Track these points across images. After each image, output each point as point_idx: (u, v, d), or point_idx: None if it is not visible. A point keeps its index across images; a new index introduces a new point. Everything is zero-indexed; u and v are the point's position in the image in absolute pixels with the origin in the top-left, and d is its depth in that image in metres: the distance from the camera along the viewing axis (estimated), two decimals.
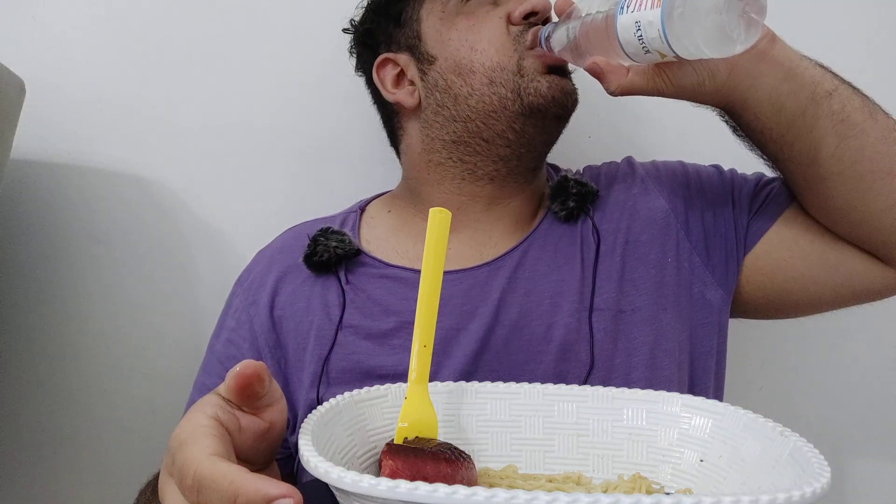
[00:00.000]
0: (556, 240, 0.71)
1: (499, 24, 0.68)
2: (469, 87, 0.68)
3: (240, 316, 0.71)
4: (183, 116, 0.92)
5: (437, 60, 0.70)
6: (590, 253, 0.69)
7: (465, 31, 0.69)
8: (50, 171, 0.93)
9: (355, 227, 0.75)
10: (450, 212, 0.48)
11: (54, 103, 0.91)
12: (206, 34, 0.92)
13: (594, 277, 0.67)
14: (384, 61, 0.74)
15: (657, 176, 0.74)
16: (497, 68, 0.67)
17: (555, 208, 0.71)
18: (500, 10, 0.69)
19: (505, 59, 0.67)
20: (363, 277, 0.70)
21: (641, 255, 0.69)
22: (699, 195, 0.72)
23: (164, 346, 0.95)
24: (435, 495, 0.31)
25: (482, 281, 0.68)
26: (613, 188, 0.74)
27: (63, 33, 0.91)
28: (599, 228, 0.70)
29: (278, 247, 0.76)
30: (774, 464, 0.41)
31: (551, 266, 0.69)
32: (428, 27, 0.71)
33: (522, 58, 0.67)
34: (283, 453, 0.66)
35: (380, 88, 0.74)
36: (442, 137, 0.71)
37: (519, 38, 0.68)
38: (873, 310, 0.94)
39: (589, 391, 0.51)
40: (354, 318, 0.67)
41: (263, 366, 0.39)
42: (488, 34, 0.68)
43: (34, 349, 0.95)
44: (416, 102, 0.72)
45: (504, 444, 0.50)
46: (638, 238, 0.69)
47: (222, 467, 0.34)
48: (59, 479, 0.97)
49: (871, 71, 0.91)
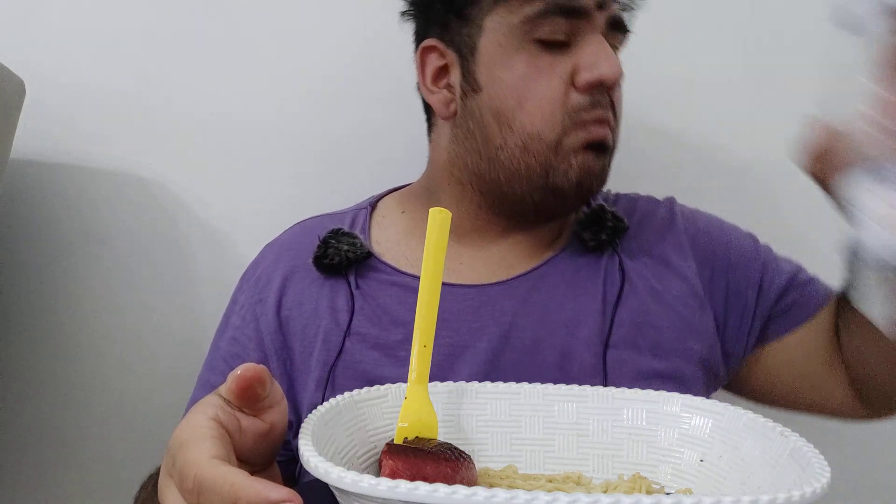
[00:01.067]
0: (577, 268, 0.68)
1: (557, 86, 0.63)
2: (503, 139, 0.64)
3: (245, 314, 0.70)
4: (183, 116, 0.92)
5: (481, 92, 0.65)
6: (612, 289, 0.66)
7: (518, 80, 0.63)
8: (50, 171, 0.93)
9: (366, 226, 0.73)
10: (450, 212, 0.48)
11: (54, 103, 0.91)
12: (207, 34, 0.92)
13: (614, 315, 0.65)
14: (432, 48, 0.68)
15: (695, 235, 0.72)
16: (535, 137, 0.63)
17: (585, 236, 0.69)
18: (566, 65, 0.63)
19: (547, 130, 0.63)
20: (373, 283, 0.68)
21: (668, 304, 0.67)
22: (729, 270, 0.70)
23: (164, 346, 0.95)
24: (435, 495, 0.31)
25: (494, 299, 0.66)
26: (647, 230, 0.71)
27: (63, 33, 0.91)
28: (626, 267, 0.68)
29: (286, 242, 0.74)
30: (774, 464, 0.41)
31: (568, 294, 0.66)
32: (486, 46, 0.65)
33: (566, 133, 0.63)
34: (286, 455, 0.66)
35: (419, 76, 0.70)
36: (466, 162, 0.68)
37: (572, 108, 0.63)
38: None
39: (589, 391, 0.51)
40: (363, 326, 0.65)
41: (264, 368, 0.39)
42: (541, 95, 0.62)
43: (34, 349, 0.95)
44: (450, 115, 0.68)
45: (504, 444, 0.50)
46: (668, 289, 0.67)
47: (223, 470, 0.33)
48: (58, 480, 0.97)
49: None
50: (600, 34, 0.63)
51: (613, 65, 0.62)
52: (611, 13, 0.64)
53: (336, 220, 0.74)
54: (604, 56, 0.62)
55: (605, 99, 0.64)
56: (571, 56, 0.63)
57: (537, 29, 0.62)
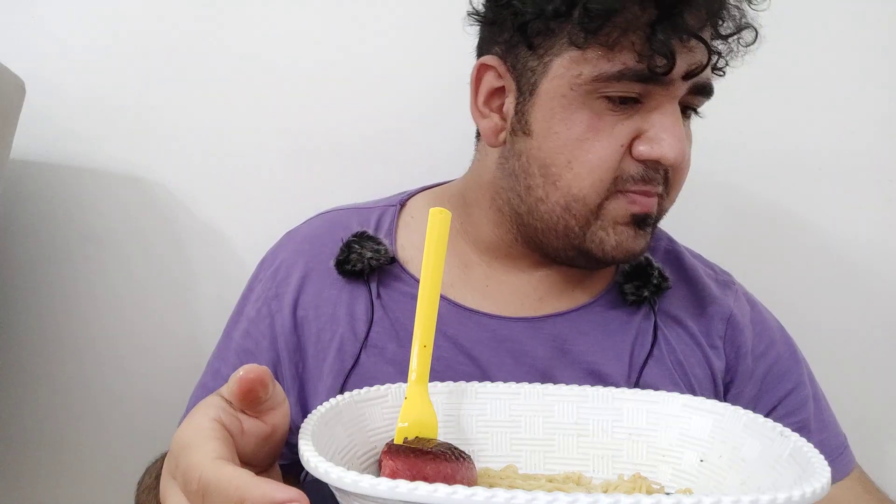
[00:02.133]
0: (609, 320, 0.66)
1: (614, 151, 0.58)
2: (545, 193, 0.60)
3: (261, 307, 0.68)
4: (183, 117, 0.92)
5: (531, 137, 0.60)
6: (641, 350, 0.64)
7: (573, 140, 0.58)
8: (49, 171, 0.93)
9: (393, 227, 0.70)
10: (450, 212, 0.48)
11: (54, 103, 0.91)
12: (206, 34, 0.92)
13: (638, 378, 0.63)
14: (491, 67, 0.63)
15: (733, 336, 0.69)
16: (579, 200, 0.59)
17: (627, 290, 0.66)
18: (629, 128, 0.58)
19: (593, 194, 0.58)
20: (394, 294, 0.66)
21: (690, 384, 0.65)
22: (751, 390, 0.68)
23: (163, 346, 0.95)
24: (435, 495, 0.31)
25: (516, 336, 0.64)
26: (689, 298, 0.69)
27: (63, 33, 0.91)
28: (658, 332, 0.65)
29: (308, 235, 0.72)
30: (774, 464, 0.41)
31: (595, 347, 0.64)
32: (547, 91, 0.59)
33: (610, 198, 0.59)
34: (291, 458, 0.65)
35: (471, 94, 0.65)
36: (509, 197, 0.64)
37: (622, 176, 0.58)
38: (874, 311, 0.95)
39: (589, 391, 0.51)
40: (380, 339, 0.64)
41: (266, 370, 0.39)
42: (594, 159, 0.58)
43: (33, 349, 0.95)
44: (498, 144, 0.64)
45: (504, 444, 0.50)
46: (692, 369, 0.66)
47: (228, 471, 0.33)
48: (58, 479, 0.97)
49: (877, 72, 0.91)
50: (676, 104, 0.58)
51: (677, 147, 0.57)
52: (696, 81, 0.58)
53: (363, 215, 0.71)
54: (670, 135, 0.57)
55: (658, 174, 0.59)
56: (638, 118, 0.58)
57: (609, 87, 0.57)
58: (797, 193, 0.93)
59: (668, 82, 0.56)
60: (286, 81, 0.93)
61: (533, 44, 0.59)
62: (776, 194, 0.93)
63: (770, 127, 0.92)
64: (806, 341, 0.79)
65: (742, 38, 0.61)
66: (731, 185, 0.93)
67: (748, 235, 0.93)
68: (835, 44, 0.90)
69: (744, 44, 0.61)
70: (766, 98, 0.92)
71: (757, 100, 0.91)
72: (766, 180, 0.93)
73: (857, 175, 0.92)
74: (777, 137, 0.92)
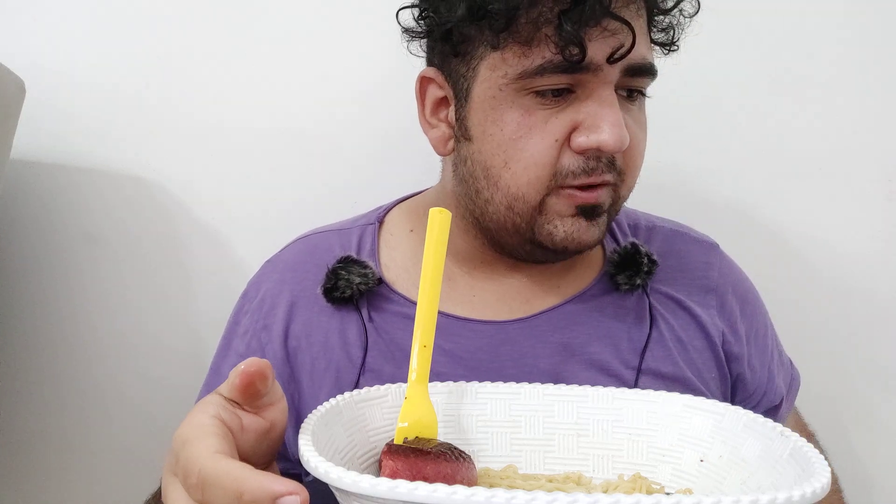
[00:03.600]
0: (603, 307, 0.66)
1: (548, 146, 0.57)
2: (490, 194, 0.60)
3: (250, 341, 0.67)
4: (183, 117, 0.92)
5: (472, 142, 0.60)
6: (639, 334, 0.64)
7: (507, 140, 0.57)
8: (50, 171, 0.93)
9: (374, 248, 0.69)
10: (450, 212, 0.48)
11: (54, 103, 0.91)
12: (206, 34, 0.92)
13: (640, 363, 0.63)
14: (430, 79, 0.63)
15: (724, 297, 0.70)
16: (519, 198, 0.58)
17: (620, 280, 0.66)
18: (563, 121, 0.56)
19: (531, 192, 0.58)
20: (386, 315, 0.65)
21: (690, 360, 0.65)
22: (751, 346, 0.69)
23: (164, 346, 0.95)
24: (435, 495, 0.31)
25: (513, 338, 0.64)
26: (679, 274, 0.69)
27: (63, 33, 0.91)
28: (654, 312, 0.66)
29: (290, 262, 0.70)
30: (774, 464, 0.41)
31: (593, 336, 0.64)
32: (479, 94, 0.59)
33: (552, 194, 0.58)
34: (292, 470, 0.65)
35: (418, 105, 0.65)
36: (465, 202, 0.64)
37: (561, 172, 0.57)
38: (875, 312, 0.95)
39: (589, 391, 0.51)
40: (377, 363, 0.63)
41: (267, 363, 0.39)
42: (528, 157, 0.57)
43: (32, 350, 0.95)
44: (448, 153, 0.64)
45: (504, 444, 0.50)
46: (692, 343, 0.66)
47: (227, 465, 0.34)
48: (53, 479, 0.97)
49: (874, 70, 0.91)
50: (611, 89, 0.56)
51: (614, 132, 0.55)
52: (628, 62, 0.56)
53: (343, 237, 0.70)
54: (606, 121, 0.55)
55: (602, 163, 0.57)
56: (572, 110, 0.57)
57: (535, 82, 0.56)
58: (797, 193, 0.93)
59: (596, 69, 0.55)
60: (287, 81, 0.93)
61: (459, 51, 0.59)
62: (776, 194, 0.93)
63: (770, 127, 0.92)
64: (806, 341, 0.79)
65: (683, 9, 0.60)
66: (731, 185, 0.93)
67: (748, 235, 0.93)
68: (835, 43, 0.90)
69: (686, 15, 0.61)
70: (766, 98, 0.92)
71: (757, 100, 0.92)
72: (766, 180, 0.93)
73: (857, 175, 0.92)
74: (777, 137, 0.92)
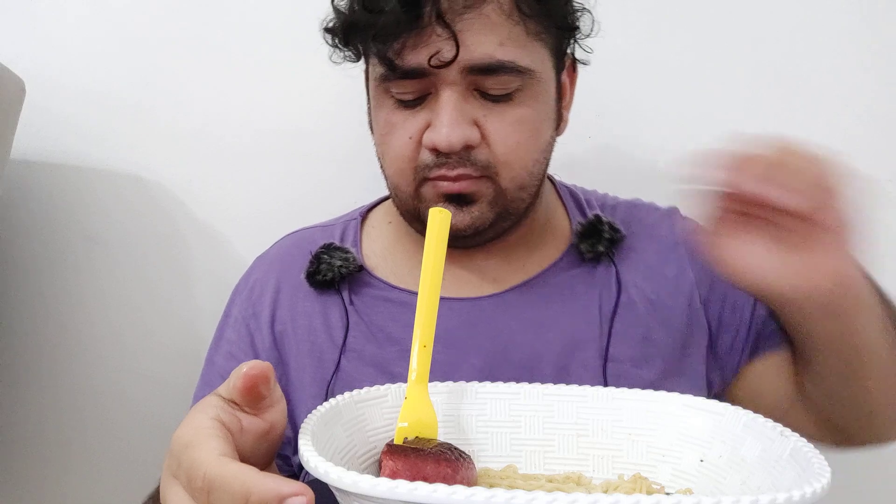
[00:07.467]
0: (572, 279, 0.68)
1: (406, 145, 0.61)
2: (387, 184, 0.66)
3: (240, 328, 0.70)
4: (182, 117, 0.92)
5: (373, 134, 0.67)
6: (608, 301, 0.66)
7: (381, 136, 0.64)
8: (50, 171, 0.93)
9: (357, 239, 0.72)
10: (449, 212, 0.48)
11: (54, 103, 0.91)
12: (206, 34, 0.92)
13: (611, 328, 0.65)
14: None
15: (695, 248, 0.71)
16: (397, 187, 0.64)
17: (582, 248, 0.68)
18: (419, 121, 0.61)
19: (403, 183, 0.63)
20: (367, 299, 0.68)
21: (665, 318, 0.66)
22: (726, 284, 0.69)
23: (164, 345, 0.96)
24: (435, 495, 0.31)
25: (487, 314, 0.66)
26: (645, 240, 0.71)
27: (63, 33, 0.91)
28: (622, 278, 0.67)
29: (277, 255, 0.74)
30: (774, 464, 0.41)
31: (564, 307, 0.66)
32: (370, 94, 0.66)
33: (421, 185, 0.62)
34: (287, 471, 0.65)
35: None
36: None
37: (421, 166, 0.61)
38: None
39: (589, 391, 0.51)
40: (358, 343, 0.65)
41: (270, 366, 0.39)
42: (394, 152, 0.62)
43: (33, 349, 0.95)
44: None
45: (504, 444, 0.50)
46: (665, 302, 0.67)
47: (233, 467, 0.33)
48: (53, 479, 0.97)
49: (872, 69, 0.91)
50: (452, 91, 0.59)
51: (444, 132, 0.58)
52: (466, 63, 0.58)
53: (327, 232, 0.73)
54: (441, 121, 0.58)
55: (452, 158, 0.60)
56: (427, 110, 0.61)
57: (390, 87, 0.61)
58: None
59: (431, 73, 0.58)
60: (285, 83, 0.93)
61: (357, 51, 0.65)
62: None
63: (770, 127, 0.92)
64: None
65: None
66: None
67: None
68: (834, 43, 0.90)
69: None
70: (765, 98, 0.92)
71: (757, 100, 0.92)
72: None
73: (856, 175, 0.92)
74: None
